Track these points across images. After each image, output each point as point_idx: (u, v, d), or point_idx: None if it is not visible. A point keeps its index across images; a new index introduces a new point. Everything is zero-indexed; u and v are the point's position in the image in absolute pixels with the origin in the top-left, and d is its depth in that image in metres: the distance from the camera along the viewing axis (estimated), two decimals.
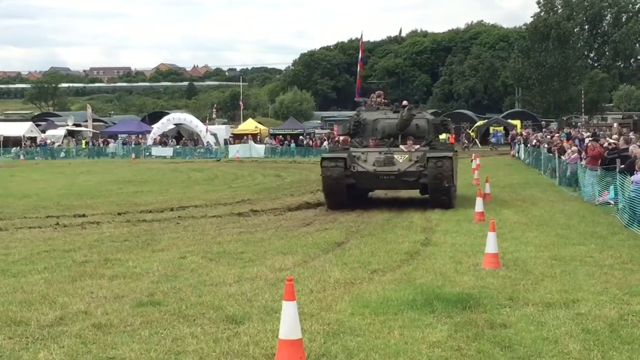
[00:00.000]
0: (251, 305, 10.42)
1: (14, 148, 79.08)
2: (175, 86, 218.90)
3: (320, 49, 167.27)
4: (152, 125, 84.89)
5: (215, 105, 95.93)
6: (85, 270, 13.23)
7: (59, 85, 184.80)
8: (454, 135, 73.22)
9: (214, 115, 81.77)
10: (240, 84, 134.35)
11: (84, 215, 22.39)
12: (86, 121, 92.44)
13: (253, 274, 12.68)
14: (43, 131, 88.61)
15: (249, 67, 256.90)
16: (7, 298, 10.94)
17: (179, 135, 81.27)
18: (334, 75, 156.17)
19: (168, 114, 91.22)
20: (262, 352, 8.23)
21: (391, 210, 22.98)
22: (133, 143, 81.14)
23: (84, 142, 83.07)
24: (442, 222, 19.86)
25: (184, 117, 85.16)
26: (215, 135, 79.84)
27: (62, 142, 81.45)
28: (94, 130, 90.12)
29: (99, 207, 25.04)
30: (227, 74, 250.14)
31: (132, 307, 10.34)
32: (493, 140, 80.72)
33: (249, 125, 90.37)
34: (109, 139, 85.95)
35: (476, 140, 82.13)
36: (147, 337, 8.89)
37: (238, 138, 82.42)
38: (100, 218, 21.80)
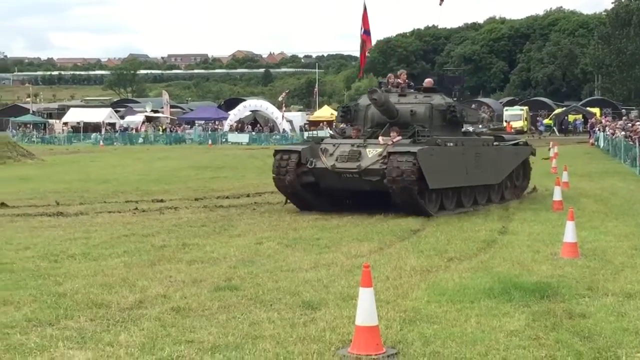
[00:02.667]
0: (327, 291, 10.46)
1: (94, 134, 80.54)
2: (251, 73, 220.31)
3: (396, 35, 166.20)
4: (229, 112, 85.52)
5: (287, 91, 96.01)
6: (163, 254, 13.44)
7: (137, 72, 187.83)
8: (511, 123, 72.34)
9: (280, 98, 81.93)
10: (316, 70, 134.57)
11: (162, 201, 22.67)
12: (163, 107, 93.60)
13: (329, 260, 12.73)
14: (122, 117, 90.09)
15: (325, 54, 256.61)
16: (89, 281, 11.16)
17: (255, 121, 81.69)
18: (410, 62, 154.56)
19: (244, 100, 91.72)
20: (338, 338, 8.24)
21: None
22: (210, 129, 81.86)
23: (161, 128, 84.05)
24: (520, 211, 19.66)
25: (260, 103, 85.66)
26: (291, 122, 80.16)
27: (140, 128, 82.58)
28: (172, 117, 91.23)
29: (176, 193, 25.34)
30: (302, 60, 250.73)
31: (210, 291, 10.47)
32: (541, 128, 79.38)
33: (325, 112, 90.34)
34: (186, 125, 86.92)
35: (554, 128, 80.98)
36: (224, 321, 8.99)
37: (314, 125, 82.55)
38: (178, 203, 22.06)
